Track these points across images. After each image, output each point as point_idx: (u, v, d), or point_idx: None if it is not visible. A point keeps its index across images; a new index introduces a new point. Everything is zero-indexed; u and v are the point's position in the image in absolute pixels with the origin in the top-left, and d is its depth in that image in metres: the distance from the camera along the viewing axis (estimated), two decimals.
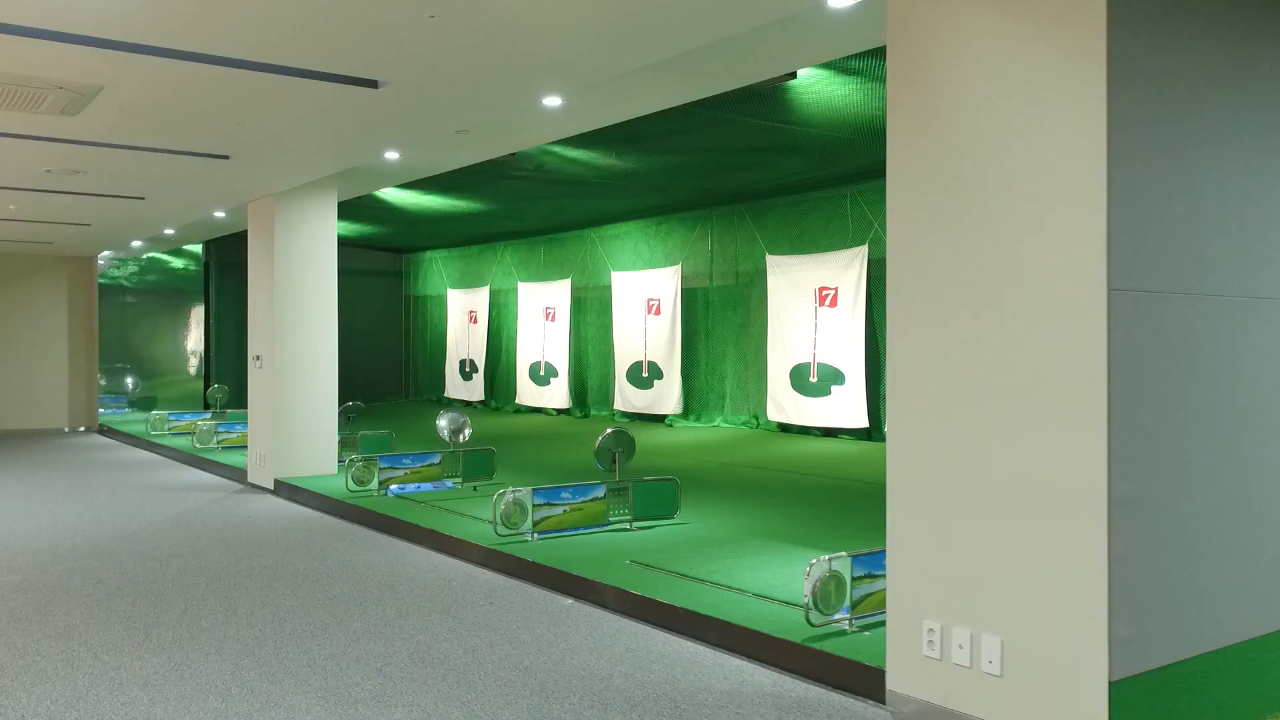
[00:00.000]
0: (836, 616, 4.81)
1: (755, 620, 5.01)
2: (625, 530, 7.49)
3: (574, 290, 16.03)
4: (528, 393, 16.86)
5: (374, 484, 9.27)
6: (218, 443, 13.24)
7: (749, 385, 13.22)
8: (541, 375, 16.54)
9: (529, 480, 10.02)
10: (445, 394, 19.13)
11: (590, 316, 15.99)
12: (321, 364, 10.65)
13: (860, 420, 11.44)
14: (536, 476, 10.40)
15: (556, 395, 16.22)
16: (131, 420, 17.86)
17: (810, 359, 12.00)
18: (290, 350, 10.46)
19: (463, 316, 18.72)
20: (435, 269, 19.82)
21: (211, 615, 5.71)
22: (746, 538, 7.13)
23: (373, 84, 6.14)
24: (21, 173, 9.16)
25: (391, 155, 9.23)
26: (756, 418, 13.08)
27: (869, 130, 9.32)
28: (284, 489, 10.16)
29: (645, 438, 13.20)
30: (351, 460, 9.24)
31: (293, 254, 10.48)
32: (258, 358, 10.78)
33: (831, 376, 11.73)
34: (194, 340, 20.02)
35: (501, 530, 7.07)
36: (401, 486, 9.30)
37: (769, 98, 8.63)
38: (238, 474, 11.36)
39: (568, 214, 14.90)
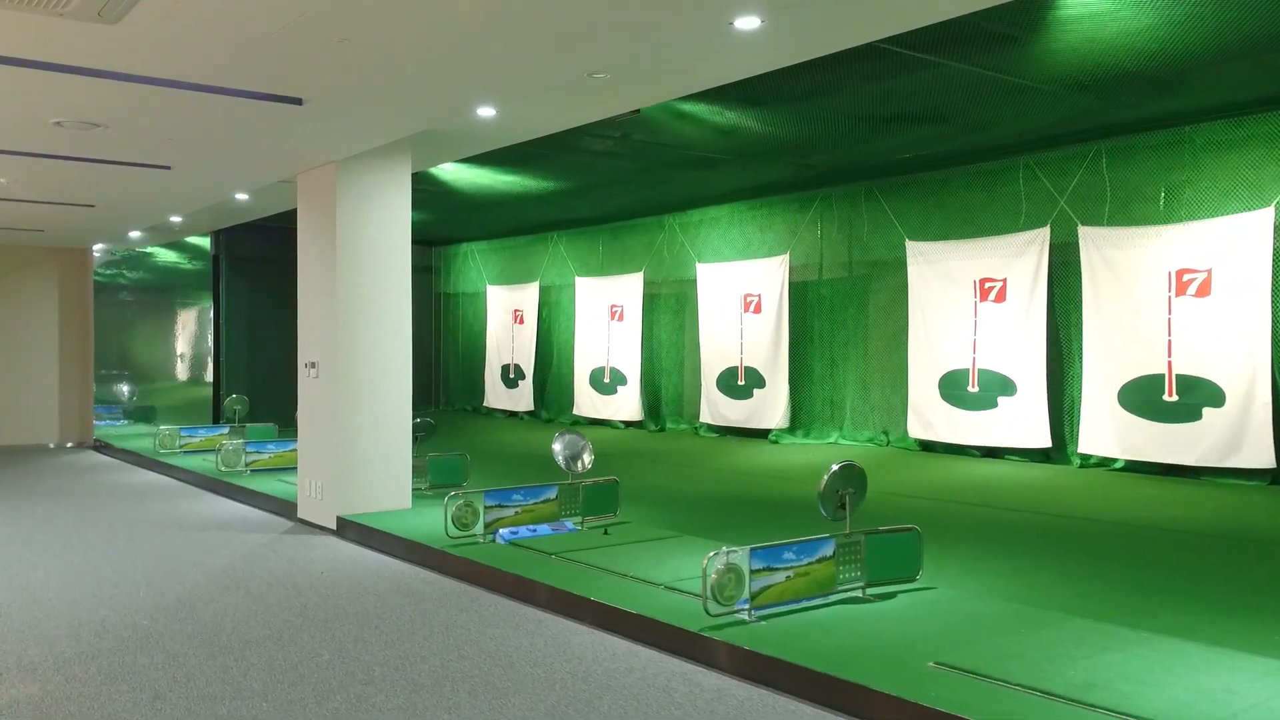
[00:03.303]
0: None
1: None
2: (859, 599, 5.52)
3: (645, 285, 14.00)
4: (588, 402, 14.82)
5: (479, 527, 7.23)
6: (246, 465, 11.14)
7: (876, 396, 11.25)
8: (606, 383, 14.50)
9: (662, 517, 8.01)
10: (484, 403, 17.06)
11: (664, 315, 13.97)
12: (393, 373, 8.59)
13: (1038, 438, 9.49)
14: (669, 512, 8.40)
15: (625, 405, 14.19)
16: (130, 434, 15.69)
17: (968, 365, 10.04)
18: (356, 356, 8.40)
19: (505, 316, 16.66)
20: (472, 263, 17.74)
21: None
22: (1049, 612, 5.14)
23: None
24: (23, 126, 7.06)
25: (485, 112, 7.23)
26: (887, 434, 11.10)
27: (1116, 76, 7.39)
28: (351, 530, 8.10)
29: (747, 457, 11.25)
30: (451, 497, 7.19)
31: (359, 235, 8.42)
32: (312, 365, 8.71)
33: (998, 386, 9.77)
34: (199, 343, 17.84)
35: (714, 608, 5.05)
36: (514, 530, 7.26)
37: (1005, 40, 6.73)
38: (281, 507, 9.28)
39: (646, 197, 12.88)
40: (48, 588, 6.44)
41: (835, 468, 5.62)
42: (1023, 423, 9.57)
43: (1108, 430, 8.92)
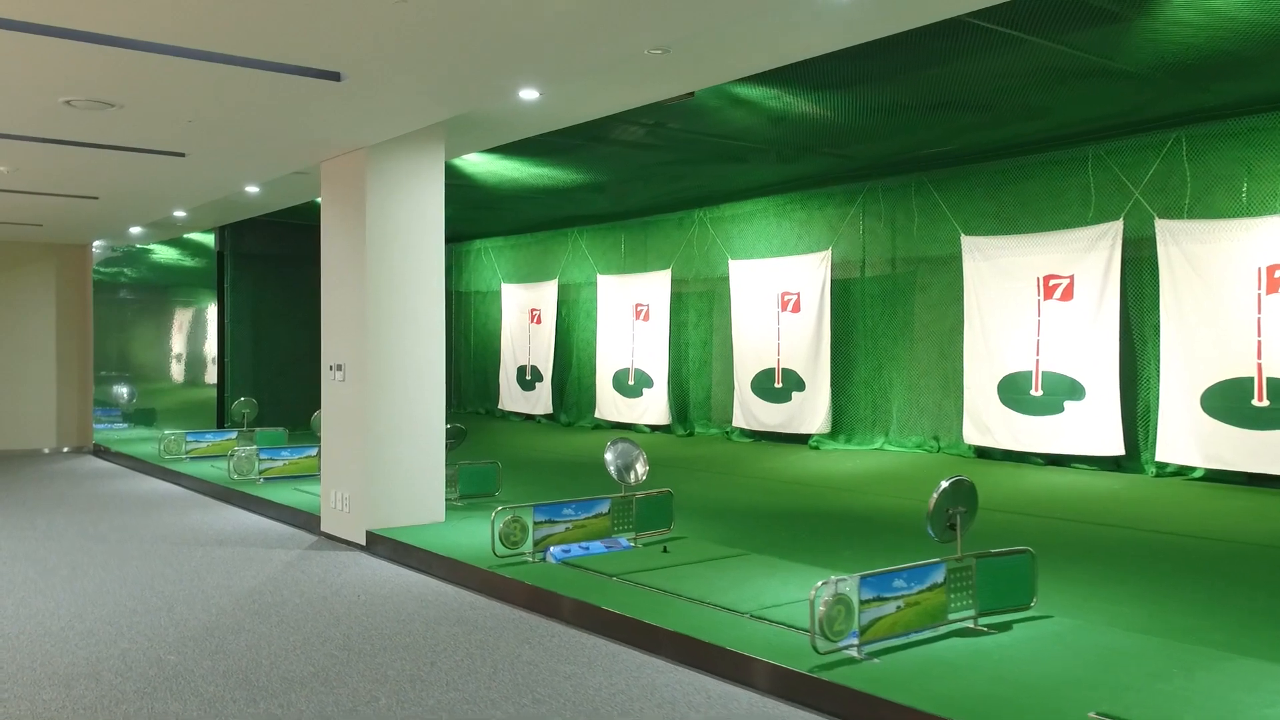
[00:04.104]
0: None
1: None
2: (972, 631, 4.94)
3: (673, 282, 13.39)
4: (611, 406, 14.21)
5: (528, 544, 6.62)
6: (259, 473, 10.50)
7: (925, 399, 10.67)
8: (630, 385, 13.89)
9: (718, 532, 7.40)
10: (499, 406, 16.43)
11: (693, 314, 13.37)
12: (426, 375, 7.98)
13: (1110, 445, 8.91)
14: (723, 526, 7.81)
15: (651, 409, 13.58)
16: (131, 439, 15.03)
17: (1031, 367, 9.46)
18: (386, 357, 7.78)
19: (521, 315, 16.03)
20: (486, 261, 17.12)
21: None
22: (1195, 648, 4.55)
23: None
24: (30, 105, 6.43)
25: (528, 94, 6.64)
26: (937, 440, 10.52)
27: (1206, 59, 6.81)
28: (383, 546, 7.48)
29: (788, 465, 10.69)
30: (498, 512, 6.58)
31: (390, 228, 7.81)
32: (338, 367, 8.09)
33: (1065, 389, 9.19)
34: (202, 343, 17.18)
35: (823, 644, 4.45)
36: (566, 548, 6.65)
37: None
38: (302, 519, 8.66)
39: (675, 190, 12.27)
40: (58, 616, 5.81)
41: (944, 485, 5.02)
42: (1092, 429, 8.99)
43: (1188, 437, 8.35)
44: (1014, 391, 9.56)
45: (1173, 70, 7.28)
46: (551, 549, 6.61)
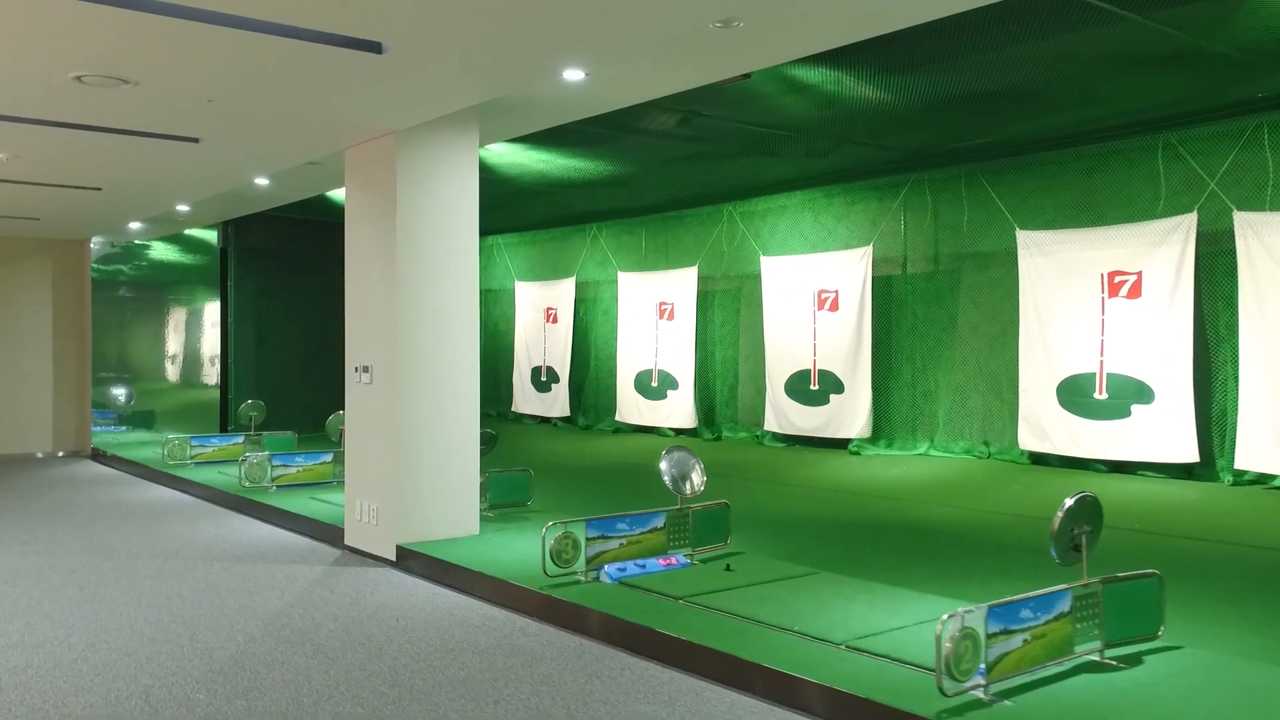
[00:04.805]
0: None
1: None
2: (1100, 664, 4.41)
3: (700, 280, 12.85)
4: (633, 408, 13.65)
5: (580, 562, 6.07)
6: (272, 480, 9.93)
7: (974, 402, 10.14)
8: (654, 387, 13.34)
9: (776, 547, 6.83)
10: (512, 408, 15.86)
11: (721, 313, 12.83)
12: (460, 377, 7.44)
13: (1183, 452, 8.39)
14: (780, 540, 7.29)
15: (676, 412, 13.04)
16: (130, 442, 14.44)
17: (1094, 369, 8.94)
18: (418, 358, 7.23)
19: (536, 315, 15.47)
20: (499, 258, 16.55)
21: None
22: None
23: None
24: (38, 82, 5.86)
25: (573, 75, 6.11)
26: (987, 445, 9.99)
27: None
28: (415, 562, 6.92)
29: (830, 471, 10.18)
30: (549, 528, 6.03)
31: (422, 219, 7.25)
32: (364, 369, 7.53)
33: (1132, 392, 8.67)
34: (203, 343, 16.60)
35: (950, 685, 3.92)
36: (621, 567, 6.11)
37: None
38: (323, 531, 8.10)
39: (703, 183, 11.72)
40: (70, 645, 5.24)
41: (1069, 502, 4.49)
42: (1163, 434, 8.47)
43: (1270, 443, 7.84)
44: (1075, 394, 9.04)
45: (1268, 52, 6.77)
46: (605, 567, 6.06)
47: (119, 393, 16.16)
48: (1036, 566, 6.38)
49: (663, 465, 6.57)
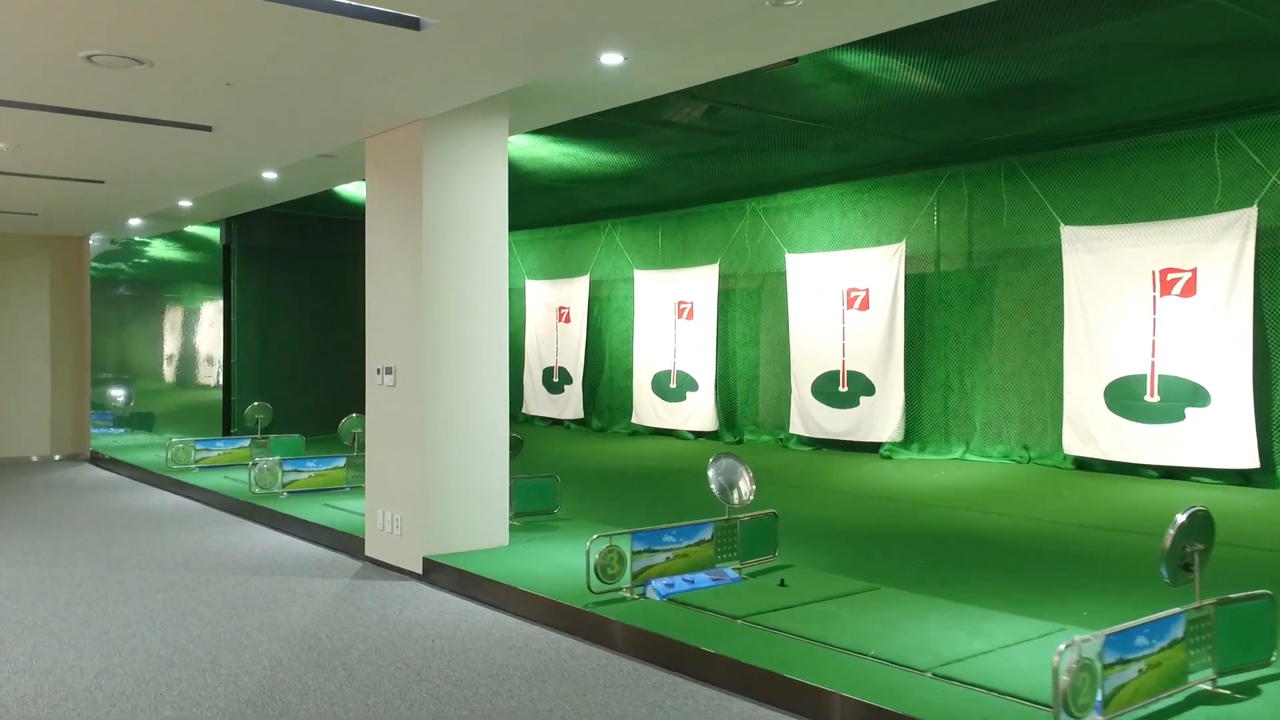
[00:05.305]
0: None
1: None
2: (1214, 694, 4.04)
3: (720, 278, 12.46)
4: (650, 410, 13.27)
5: (626, 577, 5.68)
6: (283, 486, 9.52)
7: (1013, 404, 9.77)
8: (672, 388, 12.95)
9: (825, 559, 6.42)
10: (522, 410, 15.45)
11: (740, 312, 12.44)
12: (489, 379, 7.03)
13: (1241, 457, 8.03)
14: (826, 550, 6.91)
15: (696, 414, 12.65)
16: (130, 445, 14.02)
17: (1145, 370, 8.57)
18: (445, 359, 6.83)
19: (548, 314, 15.07)
20: (510, 256, 16.09)
21: None
22: None
23: None
24: (46, 61, 5.44)
25: (610, 59, 5.74)
26: (1027, 449, 9.62)
27: None
28: (444, 575, 6.52)
29: (862, 476, 9.82)
30: (594, 540, 5.63)
31: (450, 212, 6.85)
32: (387, 370, 7.12)
33: (1186, 395, 8.31)
34: (204, 343, 16.17)
35: None
36: (669, 582, 5.71)
37: None
38: (340, 541, 7.69)
39: (725, 178, 11.34)
40: (82, 670, 4.83)
41: (1181, 518, 4.12)
42: (1219, 438, 8.11)
43: None
44: (1125, 397, 8.67)
45: None
46: (654, 583, 5.67)
47: (118, 394, 15.72)
48: (1106, 579, 6.02)
49: (710, 473, 6.18)
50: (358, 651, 5.11)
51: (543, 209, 13.80)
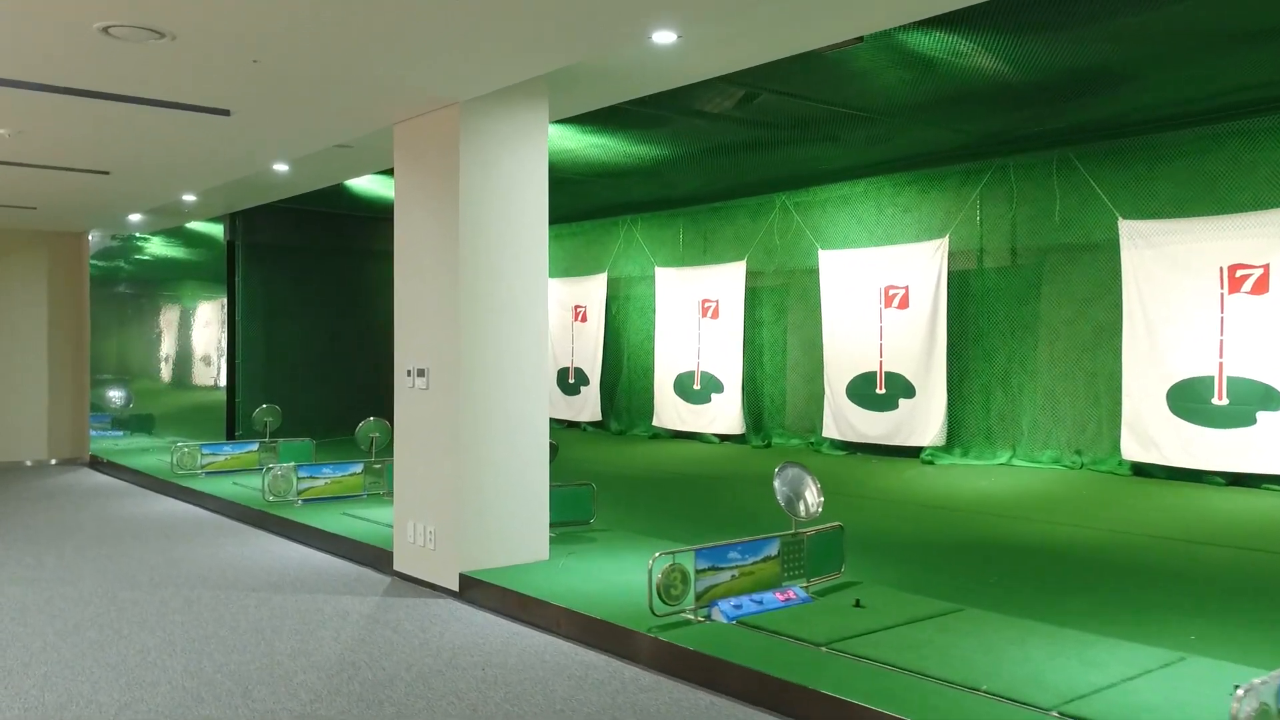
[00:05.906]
0: None
1: None
2: None
3: (748, 275, 12.00)
4: (673, 412, 12.81)
5: (689, 598, 5.21)
6: (298, 494, 9.03)
7: (1065, 408, 9.34)
8: (696, 390, 12.50)
9: (894, 575, 5.95)
10: None
11: (768, 311, 12.00)
12: (528, 382, 6.56)
13: None
14: (893, 565, 6.46)
15: (721, 416, 12.20)
16: (130, 449, 13.51)
17: (1212, 372, 8.15)
18: (481, 360, 6.35)
19: (564, 313, 14.60)
20: None
21: None
22: None
23: None
24: (59, 33, 4.96)
25: (664, 38, 5.29)
26: (1080, 454, 9.19)
27: None
28: (484, 594, 6.05)
29: (907, 483, 9.42)
30: (657, 559, 5.17)
31: (488, 202, 6.38)
32: (419, 373, 6.64)
33: (1257, 398, 7.89)
34: (207, 343, 15.66)
35: None
36: (736, 603, 5.25)
37: None
38: (366, 555, 7.21)
39: (755, 171, 10.88)
40: (99, 705, 4.35)
41: None
42: None
43: None
44: (1190, 400, 8.24)
45: None
46: (720, 604, 5.21)
47: (117, 395, 15.20)
48: (1199, 598, 5.59)
49: (776, 484, 5.73)
50: (403, 683, 4.64)
51: (559, 204, 13.26)
